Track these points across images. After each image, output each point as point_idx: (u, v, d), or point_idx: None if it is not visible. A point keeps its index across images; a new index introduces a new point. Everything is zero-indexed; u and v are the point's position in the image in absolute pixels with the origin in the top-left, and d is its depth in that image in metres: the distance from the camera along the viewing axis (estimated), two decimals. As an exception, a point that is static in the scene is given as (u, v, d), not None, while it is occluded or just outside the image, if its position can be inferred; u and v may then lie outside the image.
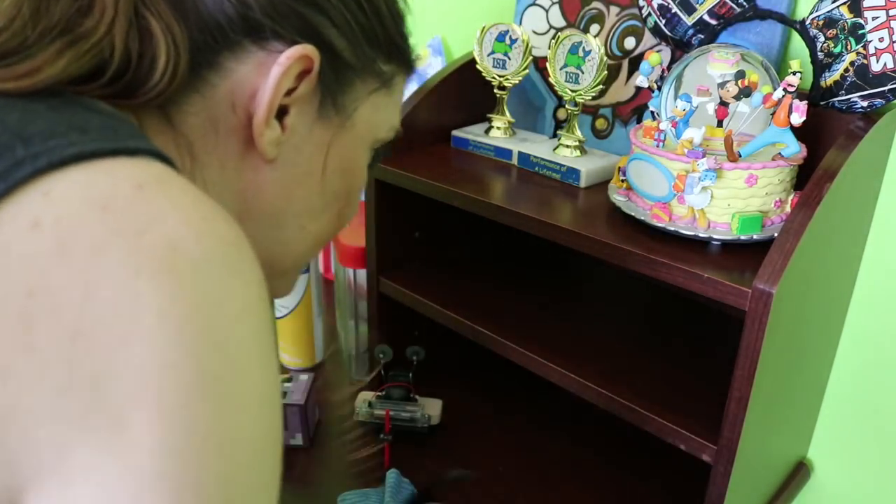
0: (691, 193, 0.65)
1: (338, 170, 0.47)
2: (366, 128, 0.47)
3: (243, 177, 0.43)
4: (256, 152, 0.42)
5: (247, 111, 0.41)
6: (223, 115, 0.41)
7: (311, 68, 0.41)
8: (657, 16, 0.82)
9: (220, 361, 0.29)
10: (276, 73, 0.40)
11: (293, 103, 0.42)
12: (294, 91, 0.41)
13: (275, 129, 0.42)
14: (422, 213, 0.96)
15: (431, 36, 1.18)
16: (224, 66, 0.40)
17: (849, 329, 0.84)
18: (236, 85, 0.40)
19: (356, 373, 1.09)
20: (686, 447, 0.68)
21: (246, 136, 0.42)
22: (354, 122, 0.46)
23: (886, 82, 0.68)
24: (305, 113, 0.43)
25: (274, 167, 0.43)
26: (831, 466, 0.90)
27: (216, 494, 0.29)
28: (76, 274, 0.28)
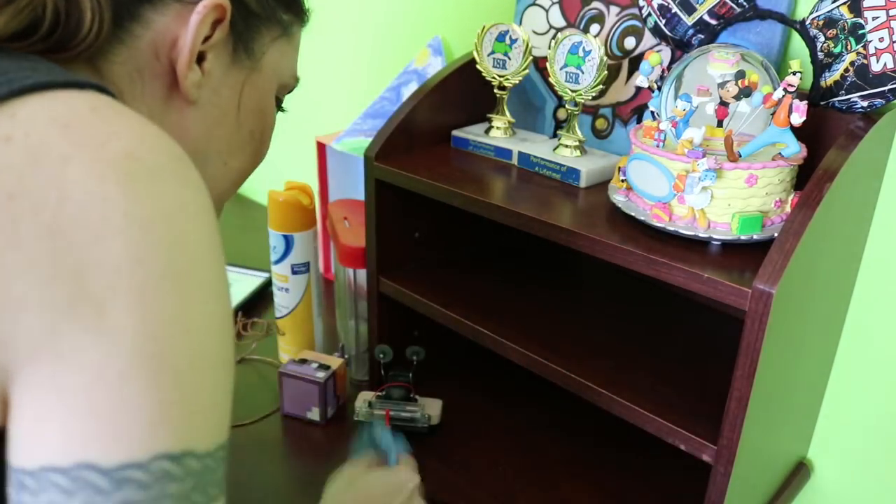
0: (691, 193, 0.65)
1: (252, 109, 0.52)
2: (273, 71, 0.53)
3: (169, 119, 0.47)
4: (179, 96, 0.47)
5: (169, 58, 0.46)
6: (147, 63, 0.45)
7: (224, 17, 0.47)
8: (657, 16, 0.82)
9: (181, 256, 0.34)
10: (195, 20, 0.45)
11: (210, 49, 0.47)
12: (210, 38, 0.47)
13: (196, 73, 0.47)
14: (422, 213, 0.96)
15: (431, 36, 1.18)
16: (145, 18, 0.44)
17: (849, 329, 0.84)
18: (158, 35, 0.45)
19: (356, 373, 1.09)
20: (686, 447, 0.68)
21: (169, 81, 0.46)
22: (263, 66, 0.52)
23: (887, 82, 0.68)
24: (221, 58, 0.48)
25: (196, 108, 0.48)
26: (831, 466, 0.90)
27: (187, 370, 0.33)
28: (49, 179, 0.32)
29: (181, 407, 0.33)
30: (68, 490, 0.31)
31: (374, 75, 1.32)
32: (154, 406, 0.32)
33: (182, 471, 0.33)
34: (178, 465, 0.33)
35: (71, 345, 0.31)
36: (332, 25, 1.34)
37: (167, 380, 0.33)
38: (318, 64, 1.37)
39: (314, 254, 1.06)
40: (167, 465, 0.33)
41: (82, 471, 0.31)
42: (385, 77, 1.26)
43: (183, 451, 0.33)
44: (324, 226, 1.27)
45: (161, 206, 0.34)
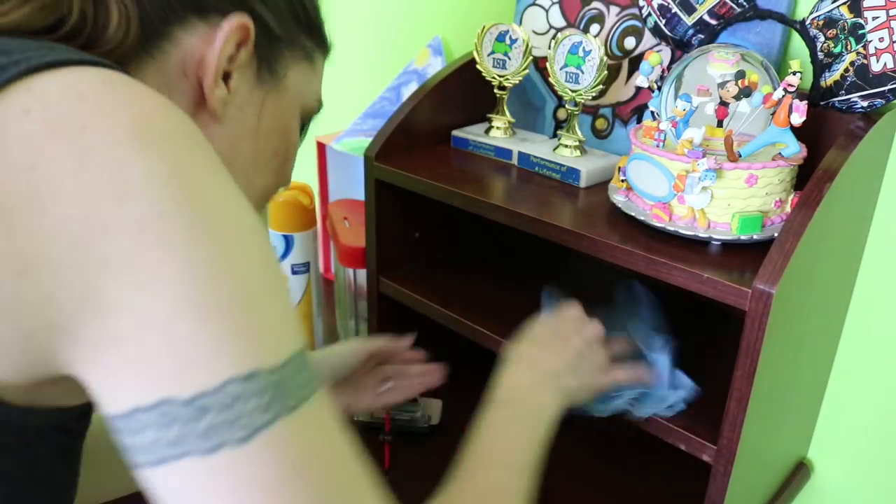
0: (691, 193, 0.65)
1: (275, 128, 0.54)
2: (295, 93, 0.55)
3: None
4: (205, 112, 0.48)
5: (196, 76, 0.47)
6: (175, 79, 0.47)
7: (248, 37, 0.49)
8: (657, 16, 0.82)
9: (203, 204, 0.36)
10: (220, 39, 0.47)
11: (235, 69, 0.49)
12: (235, 58, 0.49)
13: (222, 90, 0.48)
14: (422, 213, 0.96)
15: (431, 36, 1.18)
16: (174, 36, 0.46)
17: (849, 329, 0.84)
18: (185, 53, 0.47)
19: (356, 373, 1.09)
20: (686, 447, 0.68)
21: (196, 98, 0.48)
22: (287, 86, 0.54)
23: (887, 82, 0.68)
24: (246, 77, 0.50)
25: (222, 125, 0.50)
26: (831, 466, 0.90)
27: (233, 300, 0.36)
28: (67, 148, 0.34)
29: (236, 334, 0.36)
30: (161, 423, 0.35)
31: (374, 75, 1.32)
32: (209, 339, 0.35)
33: (256, 387, 0.36)
34: (250, 384, 0.35)
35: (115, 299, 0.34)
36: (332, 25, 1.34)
37: (216, 314, 0.35)
38: (318, 64, 1.37)
39: (314, 254, 1.06)
40: (239, 386, 0.35)
41: (165, 406, 0.35)
42: (385, 77, 1.26)
43: (250, 371, 0.36)
44: (324, 226, 1.27)
45: (177, 164, 0.36)
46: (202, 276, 0.35)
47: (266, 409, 0.36)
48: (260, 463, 0.36)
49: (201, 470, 0.35)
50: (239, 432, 0.35)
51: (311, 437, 0.38)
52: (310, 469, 0.37)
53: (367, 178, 0.91)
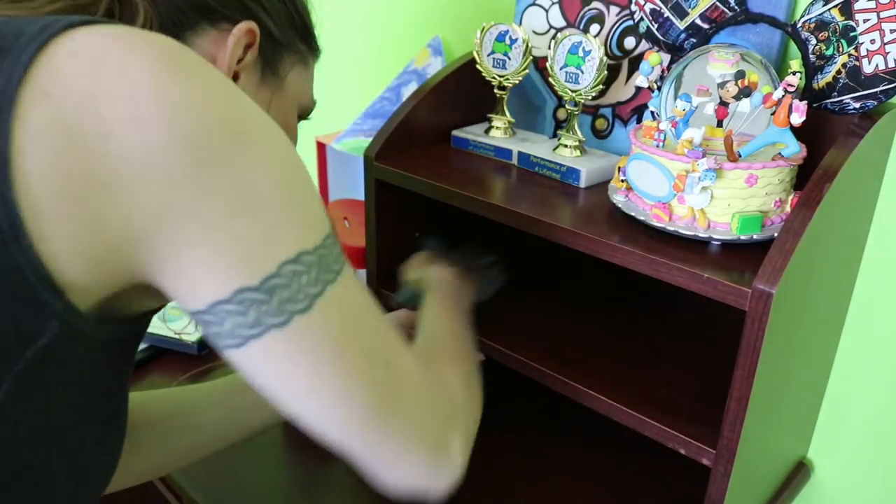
0: (691, 193, 0.65)
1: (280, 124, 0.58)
2: (294, 92, 0.61)
3: None
4: None
5: None
6: None
7: (254, 41, 0.55)
8: (649, 20, 0.82)
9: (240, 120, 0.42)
10: (231, 42, 0.53)
11: (242, 70, 0.54)
12: (242, 60, 0.54)
13: None
14: (422, 213, 0.96)
15: (431, 36, 1.18)
16: (187, 40, 0.52)
17: (849, 329, 0.84)
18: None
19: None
20: (686, 451, 0.68)
21: None
22: (287, 85, 0.60)
23: (879, 83, 0.68)
24: (252, 77, 0.56)
25: None
26: (831, 466, 0.90)
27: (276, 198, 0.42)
28: (117, 79, 0.39)
29: (283, 225, 0.42)
30: (240, 311, 0.42)
31: (374, 75, 1.32)
32: (262, 232, 0.42)
33: (304, 266, 0.43)
34: (299, 264, 0.43)
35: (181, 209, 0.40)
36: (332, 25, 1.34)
37: (264, 210, 0.42)
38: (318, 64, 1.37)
39: (314, 254, 1.06)
40: (292, 266, 0.42)
41: (241, 294, 0.41)
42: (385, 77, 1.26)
43: (298, 252, 0.43)
44: (324, 226, 1.27)
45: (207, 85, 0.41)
46: (248, 180, 0.41)
47: (315, 281, 0.44)
48: (324, 323, 0.44)
49: (281, 341, 0.43)
50: (302, 303, 0.43)
51: (353, 297, 0.47)
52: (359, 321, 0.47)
53: (367, 178, 0.91)
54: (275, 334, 0.43)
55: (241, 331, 0.42)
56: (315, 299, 0.44)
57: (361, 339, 0.47)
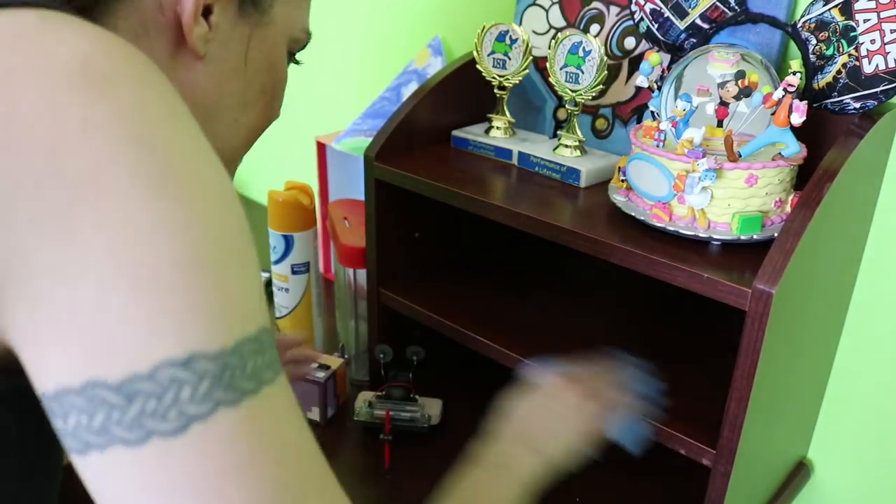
0: (691, 193, 0.65)
1: (261, 63, 0.51)
2: (282, 24, 0.52)
3: (177, 75, 0.46)
4: (187, 51, 0.46)
5: (174, 12, 0.44)
6: (152, 17, 0.44)
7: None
8: (649, 20, 0.82)
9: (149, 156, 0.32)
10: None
11: (215, 2, 0.46)
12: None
13: (202, 26, 0.45)
14: (422, 213, 0.96)
15: (431, 36, 1.18)
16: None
17: (849, 329, 0.84)
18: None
19: (356, 373, 1.09)
20: (686, 451, 0.68)
21: (175, 36, 0.45)
22: (272, 18, 0.51)
23: (879, 84, 0.68)
24: (227, 11, 0.47)
25: (205, 64, 0.47)
26: (831, 466, 0.90)
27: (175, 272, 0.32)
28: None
29: (176, 311, 0.31)
30: (87, 410, 0.31)
31: (374, 75, 1.32)
32: (144, 314, 0.31)
33: (194, 375, 0.32)
34: (187, 370, 0.31)
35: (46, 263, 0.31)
36: (332, 25, 1.34)
37: (152, 286, 0.31)
38: (318, 64, 1.37)
39: (314, 254, 1.06)
40: (174, 371, 0.31)
41: (93, 389, 0.31)
42: (385, 77, 1.26)
43: (189, 355, 0.31)
44: (324, 226, 1.27)
45: (119, 109, 0.32)
46: (142, 242, 0.31)
47: (204, 399, 0.32)
48: (193, 458, 0.32)
49: (127, 462, 0.31)
50: (170, 423, 0.31)
51: (258, 433, 0.34)
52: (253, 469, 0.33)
53: (367, 178, 0.91)
54: (120, 453, 0.31)
55: (85, 434, 0.32)
56: (191, 423, 0.32)
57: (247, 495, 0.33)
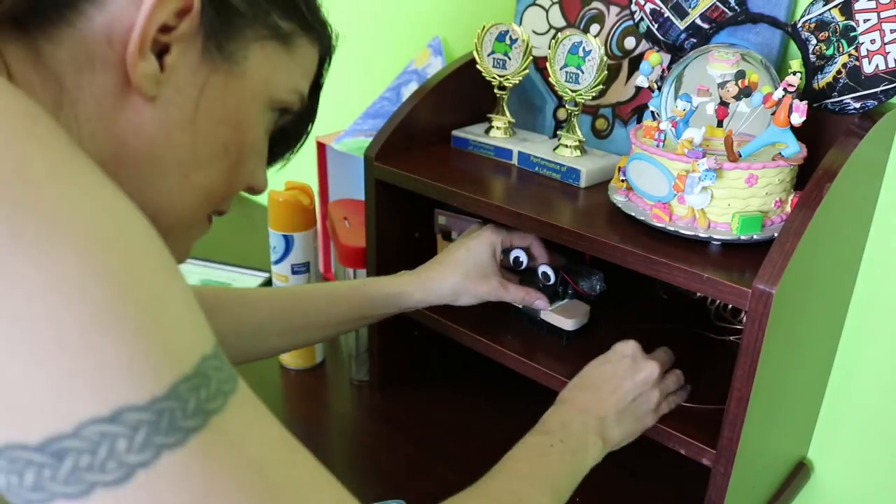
0: (691, 193, 0.65)
1: (224, 118, 0.46)
2: (259, 81, 0.47)
3: (122, 116, 0.42)
4: (136, 91, 0.41)
5: (125, 46, 0.40)
6: (100, 50, 0.40)
7: (191, 6, 0.41)
8: (650, 20, 0.82)
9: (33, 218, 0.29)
10: (148, 2, 0.39)
11: (174, 42, 0.41)
12: (174, 29, 0.41)
13: (151, 63, 0.41)
14: (422, 213, 0.96)
15: (431, 36, 1.18)
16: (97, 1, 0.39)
17: (849, 329, 0.84)
18: (113, 18, 0.40)
19: (356, 373, 1.09)
20: (686, 451, 0.68)
21: (123, 73, 0.41)
22: (244, 71, 0.46)
23: (879, 84, 0.68)
24: (188, 54, 0.43)
25: (155, 108, 0.43)
26: (831, 466, 0.90)
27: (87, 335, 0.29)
28: None
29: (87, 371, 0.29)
30: (14, 470, 0.29)
31: (374, 75, 1.32)
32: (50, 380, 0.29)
33: (125, 427, 0.30)
34: (116, 425, 0.29)
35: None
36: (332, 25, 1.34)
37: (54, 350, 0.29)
38: (318, 64, 1.37)
39: (314, 254, 1.06)
40: (102, 427, 0.29)
41: (12, 451, 0.29)
42: (385, 77, 1.26)
43: (114, 410, 0.29)
44: (324, 226, 1.27)
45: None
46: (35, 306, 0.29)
47: (143, 447, 0.30)
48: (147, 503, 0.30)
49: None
50: (112, 474, 0.29)
51: (214, 464, 0.32)
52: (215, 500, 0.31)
53: (367, 178, 0.91)
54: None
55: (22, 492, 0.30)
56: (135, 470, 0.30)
57: None
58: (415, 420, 0.99)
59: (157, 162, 0.44)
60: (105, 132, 0.42)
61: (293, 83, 0.50)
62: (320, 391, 1.07)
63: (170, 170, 0.45)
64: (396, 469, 0.91)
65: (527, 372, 0.81)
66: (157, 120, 0.43)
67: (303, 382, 1.09)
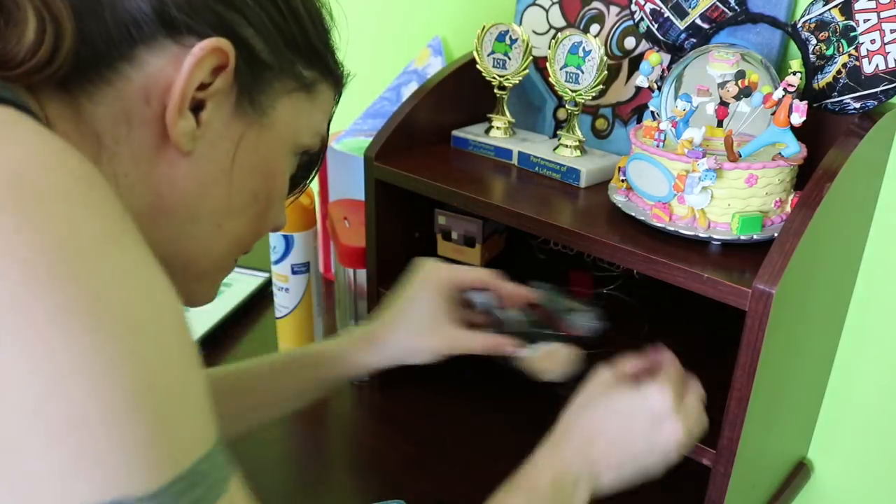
0: (691, 193, 0.65)
1: (255, 168, 0.48)
2: (286, 130, 0.48)
3: (158, 170, 0.43)
4: (172, 146, 0.43)
5: (162, 104, 0.41)
6: (137, 108, 0.41)
7: (227, 64, 0.42)
8: (650, 20, 0.82)
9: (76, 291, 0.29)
10: (188, 62, 0.41)
11: (209, 98, 0.43)
12: (209, 86, 0.42)
13: (189, 121, 0.42)
14: (422, 213, 0.96)
15: (431, 36, 1.18)
16: (139, 59, 0.41)
17: (849, 329, 0.84)
18: (151, 78, 0.41)
19: (356, 373, 1.08)
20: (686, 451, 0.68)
21: (160, 129, 0.42)
22: (273, 122, 0.47)
23: (879, 84, 0.68)
24: (222, 109, 0.44)
25: (190, 162, 0.44)
26: (831, 466, 0.90)
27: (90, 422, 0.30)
28: None
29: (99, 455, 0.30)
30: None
31: (374, 75, 1.32)
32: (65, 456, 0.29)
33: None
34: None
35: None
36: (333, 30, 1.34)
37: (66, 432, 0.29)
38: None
39: (314, 254, 1.06)
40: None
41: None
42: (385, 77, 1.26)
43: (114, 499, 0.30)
44: (324, 226, 1.27)
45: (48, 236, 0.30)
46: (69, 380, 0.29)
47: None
48: None
49: None
50: None
51: None
52: None
53: (367, 178, 0.91)
54: None
55: None
56: None
57: None
58: (415, 420, 0.99)
59: (191, 213, 0.46)
60: (142, 185, 0.43)
61: (315, 126, 0.52)
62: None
63: (204, 220, 0.47)
64: (396, 469, 0.91)
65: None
66: (192, 173, 0.44)
67: (303, 382, 1.09)
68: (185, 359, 0.34)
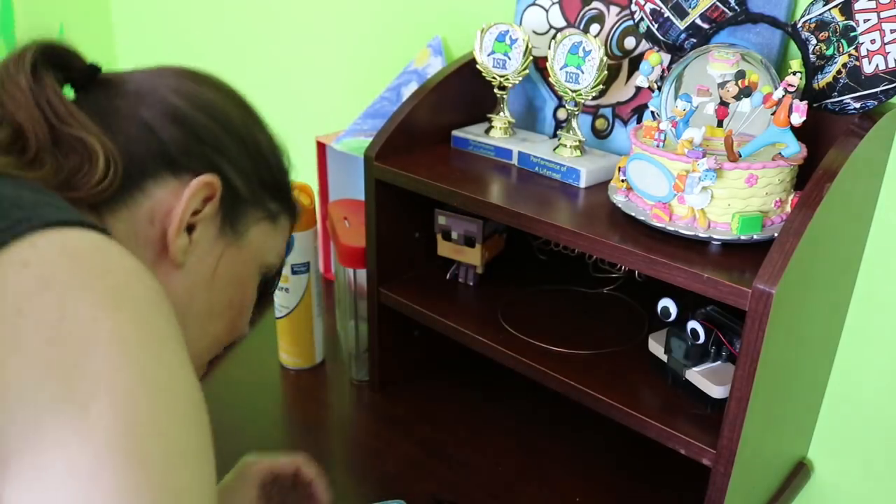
0: (691, 193, 0.65)
1: (231, 280, 0.58)
2: (256, 250, 0.60)
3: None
4: (167, 260, 0.53)
5: (162, 226, 0.52)
6: (143, 227, 0.52)
7: (214, 195, 0.54)
8: (649, 20, 0.82)
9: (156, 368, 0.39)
10: (187, 194, 0.52)
11: (199, 221, 0.53)
12: (200, 212, 0.53)
13: (184, 239, 0.53)
14: (422, 213, 0.96)
15: (431, 36, 1.18)
16: (147, 189, 0.52)
17: (849, 329, 0.84)
18: (156, 203, 0.52)
19: (356, 373, 1.09)
20: (686, 451, 0.68)
21: (159, 246, 0.52)
22: (247, 243, 0.58)
23: (879, 83, 0.68)
24: (209, 230, 0.55)
25: (181, 273, 0.54)
26: (831, 466, 0.90)
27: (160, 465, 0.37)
28: (54, 301, 0.38)
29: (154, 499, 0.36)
30: None
31: (374, 75, 1.32)
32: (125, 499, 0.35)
33: None
34: None
35: (54, 438, 0.35)
36: (331, 25, 1.34)
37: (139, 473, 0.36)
38: (318, 64, 1.37)
39: (314, 254, 1.06)
40: None
41: None
42: (385, 77, 1.26)
43: None
44: (324, 226, 1.27)
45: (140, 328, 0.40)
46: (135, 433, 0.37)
47: None
48: None
49: None
50: None
51: None
52: None
53: (367, 178, 0.91)
54: None
55: None
56: None
57: None
58: (415, 420, 0.99)
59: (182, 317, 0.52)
60: None
61: (277, 249, 0.63)
62: (320, 391, 1.07)
63: (191, 323, 0.56)
64: (396, 469, 0.91)
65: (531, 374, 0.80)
66: (182, 283, 0.54)
67: (303, 382, 1.09)
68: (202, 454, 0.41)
